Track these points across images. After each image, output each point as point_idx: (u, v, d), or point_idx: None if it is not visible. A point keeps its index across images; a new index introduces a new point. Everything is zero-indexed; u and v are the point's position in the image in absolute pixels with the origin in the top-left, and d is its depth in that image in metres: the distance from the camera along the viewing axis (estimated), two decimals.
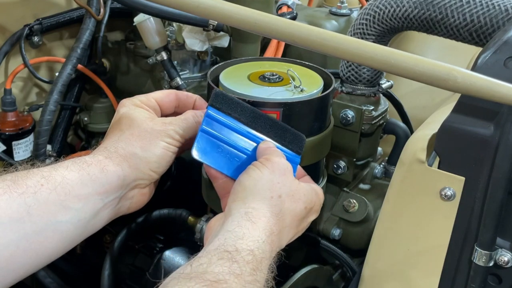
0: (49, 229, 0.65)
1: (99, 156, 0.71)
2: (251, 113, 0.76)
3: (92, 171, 0.69)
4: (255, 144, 0.75)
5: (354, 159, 0.96)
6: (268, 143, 0.75)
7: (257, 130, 0.75)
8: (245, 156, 0.74)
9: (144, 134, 0.73)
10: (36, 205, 0.64)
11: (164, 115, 0.79)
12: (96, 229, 0.71)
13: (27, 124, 1.24)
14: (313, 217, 0.76)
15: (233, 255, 0.61)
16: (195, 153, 0.73)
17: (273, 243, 0.66)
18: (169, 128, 0.74)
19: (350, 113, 0.92)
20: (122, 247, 1.03)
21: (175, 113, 0.80)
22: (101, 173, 0.69)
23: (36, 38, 1.26)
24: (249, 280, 0.60)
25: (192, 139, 0.79)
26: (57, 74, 1.18)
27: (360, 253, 0.95)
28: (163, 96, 0.79)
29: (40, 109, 1.18)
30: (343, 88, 0.97)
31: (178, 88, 1.15)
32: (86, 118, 1.32)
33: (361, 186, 1.00)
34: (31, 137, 1.24)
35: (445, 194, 0.65)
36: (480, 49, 0.71)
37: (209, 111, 0.74)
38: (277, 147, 0.75)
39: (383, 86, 0.98)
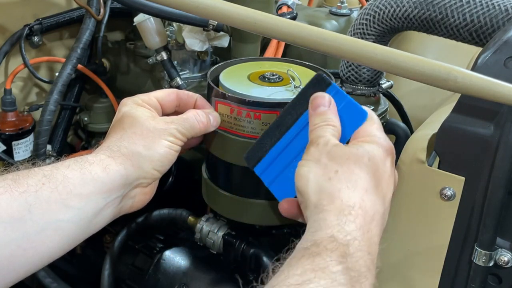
0: (50, 228, 0.65)
1: (101, 155, 0.71)
2: (276, 125, 0.73)
3: (94, 170, 0.68)
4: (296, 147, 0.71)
5: None
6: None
7: (288, 128, 0.72)
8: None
9: (146, 133, 0.73)
10: (37, 204, 0.64)
11: (165, 114, 0.79)
12: (97, 228, 0.71)
13: (27, 124, 1.24)
14: (389, 161, 0.66)
15: (312, 250, 0.55)
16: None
17: (359, 219, 0.59)
18: (171, 127, 0.74)
19: None
20: (122, 247, 1.03)
21: (175, 113, 0.80)
22: (103, 172, 0.69)
23: (36, 38, 1.26)
24: (338, 270, 0.53)
25: (194, 138, 0.79)
26: (57, 74, 1.18)
27: None
28: (164, 95, 0.79)
29: (40, 109, 1.18)
30: (343, 88, 0.97)
31: (178, 88, 1.15)
32: (86, 118, 1.32)
33: None
34: (31, 137, 1.24)
35: (445, 194, 0.65)
36: (480, 49, 0.71)
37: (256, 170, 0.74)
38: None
39: (383, 86, 0.98)
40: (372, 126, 0.68)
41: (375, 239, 0.60)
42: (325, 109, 0.68)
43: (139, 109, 0.75)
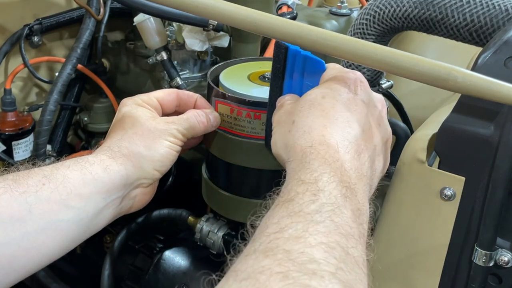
0: (50, 228, 0.65)
1: (102, 156, 0.71)
2: (268, 105, 0.74)
3: (94, 170, 0.69)
4: None
5: None
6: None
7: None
8: None
9: (147, 133, 0.73)
10: (38, 204, 0.64)
11: (165, 114, 0.79)
12: (98, 228, 0.71)
13: (27, 124, 1.24)
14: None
15: (285, 198, 0.53)
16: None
17: (321, 153, 0.56)
18: (172, 127, 0.74)
19: None
20: (122, 247, 1.03)
21: (176, 113, 0.80)
22: (103, 172, 0.69)
23: (36, 38, 1.26)
24: (313, 209, 0.50)
25: (194, 138, 0.79)
26: (57, 74, 1.18)
27: None
28: (164, 95, 0.79)
29: (40, 109, 1.18)
30: None
31: (178, 88, 1.15)
32: (86, 118, 1.32)
33: None
34: (31, 137, 1.24)
35: (445, 194, 0.65)
36: (480, 49, 0.71)
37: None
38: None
39: (383, 86, 0.98)
40: (330, 72, 0.67)
41: (347, 165, 0.56)
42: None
43: (140, 109, 0.76)
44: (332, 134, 0.58)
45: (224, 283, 0.44)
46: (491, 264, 0.63)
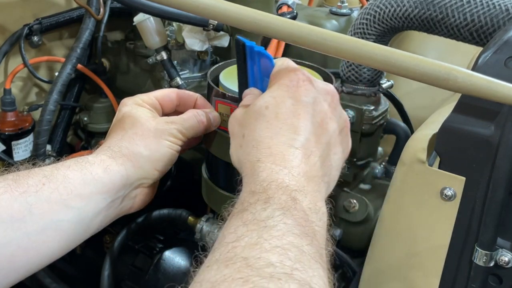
0: (50, 228, 0.65)
1: (102, 156, 0.71)
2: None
3: (95, 171, 0.68)
4: None
5: (355, 159, 0.96)
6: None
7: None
8: None
9: (147, 133, 0.73)
10: (38, 204, 0.64)
11: (165, 114, 0.79)
12: (98, 228, 0.71)
13: (27, 124, 1.24)
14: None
15: (239, 209, 0.55)
16: None
17: (268, 165, 0.58)
18: (172, 127, 0.74)
19: (351, 113, 0.92)
20: (122, 247, 1.03)
21: (176, 112, 0.80)
22: (104, 172, 0.69)
23: (35, 38, 1.26)
24: (266, 216, 0.52)
25: (194, 138, 0.79)
26: (56, 74, 1.18)
27: (360, 253, 0.95)
28: (164, 95, 0.79)
29: (40, 109, 1.18)
30: (343, 88, 0.97)
31: (178, 88, 1.15)
32: (86, 118, 1.32)
33: (362, 186, 1.00)
34: (30, 137, 1.24)
35: (445, 194, 0.65)
36: (480, 49, 0.71)
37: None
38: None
39: (384, 85, 0.98)
40: (275, 71, 0.67)
41: (295, 171, 0.58)
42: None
43: (140, 109, 0.75)
44: (278, 145, 0.60)
45: None
46: (491, 264, 0.63)
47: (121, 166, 0.71)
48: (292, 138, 0.61)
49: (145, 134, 0.73)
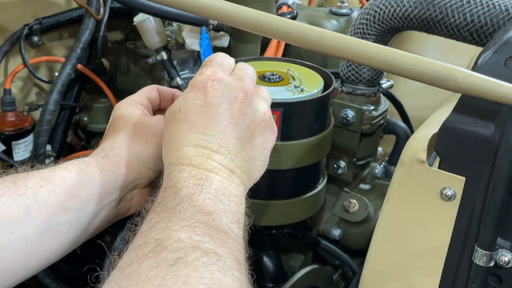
0: (49, 230, 0.65)
1: (97, 157, 0.71)
2: None
3: (91, 172, 0.69)
4: None
5: (355, 159, 0.96)
6: None
7: None
8: None
9: (139, 132, 0.74)
10: (36, 206, 0.63)
11: (153, 111, 0.80)
12: (96, 231, 0.71)
13: (27, 124, 1.24)
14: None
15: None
16: None
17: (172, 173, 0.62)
18: (160, 126, 0.75)
19: (351, 113, 0.92)
20: (122, 247, 1.03)
21: (160, 110, 0.81)
22: (100, 173, 0.69)
23: (35, 38, 1.26)
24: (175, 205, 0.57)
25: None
26: (56, 74, 1.18)
27: (360, 253, 0.95)
28: (150, 91, 0.81)
29: (40, 109, 1.18)
30: (344, 88, 0.97)
31: (178, 88, 1.15)
32: (85, 118, 1.32)
33: (362, 186, 1.00)
34: (30, 137, 1.24)
35: (445, 194, 0.65)
36: (480, 49, 0.71)
37: None
38: None
39: (384, 86, 0.98)
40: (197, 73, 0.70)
41: (204, 166, 0.61)
42: None
43: (131, 110, 0.77)
44: (186, 146, 0.63)
45: (111, 276, 0.51)
46: (491, 264, 0.63)
47: (115, 166, 0.71)
48: (200, 139, 0.63)
49: (136, 134, 0.74)
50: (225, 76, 0.67)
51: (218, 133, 0.64)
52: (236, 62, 0.90)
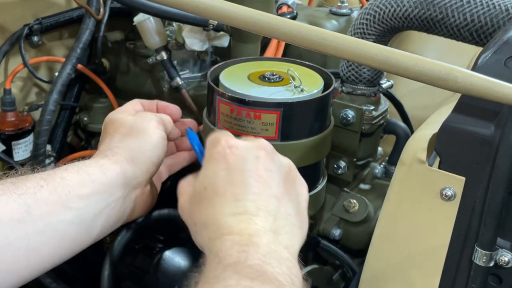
0: (50, 229, 0.65)
1: (96, 158, 0.72)
2: None
3: (91, 171, 0.69)
4: None
5: (354, 159, 0.96)
6: None
7: None
8: None
9: (131, 129, 0.76)
10: (37, 205, 0.64)
11: None
12: (101, 232, 0.71)
13: (27, 124, 1.24)
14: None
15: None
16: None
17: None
18: (150, 116, 0.78)
19: (350, 113, 0.92)
20: (122, 247, 1.03)
21: None
22: (100, 172, 0.69)
23: (35, 38, 1.26)
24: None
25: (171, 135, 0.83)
26: (56, 74, 1.18)
27: (360, 253, 0.95)
28: (134, 104, 0.83)
29: (40, 109, 1.18)
30: (343, 88, 0.97)
31: (178, 88, 1.15)
32: (86, 118, 1.32)
33: (362, 186, 1.00)
34: (30, 137, 1.24)
35: (445, 194, 0.65)
36: (480, 49, 0.71)
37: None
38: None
39: (384, 86, 0.98)
40: (207, 148, 0.68)
41: (246, 232, 0.59)
42: None
43: (118, 114, 0.79)
44: (223, 218, 0.60)
45: None
46: (491, 264, 0.63)
47: (116, 164, 0.71)
48: (235, 206, 0.60)
49: (129, 130, 0.76)
50: (239, 141, 0.65)
51: (252, 196, 0.61)
52: (236, 62, 0.90)
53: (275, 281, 0.53)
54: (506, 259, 0.62)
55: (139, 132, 0.75)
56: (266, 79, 0.83)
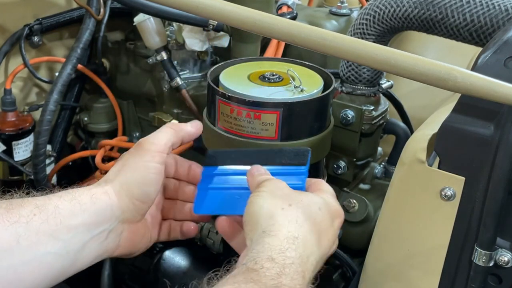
0: (37, 260, 0.64)
1: (93, 185, 0.71)
2: (246, 153, 0.77)
3: (82, 200, 0.68)
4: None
5: (354, 159, 0.96)
6: (254, 170, 0.72)
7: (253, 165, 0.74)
8: (247, 191, 0.71)
9: (129, 160, 0.73)
10: (27, 235, 0.63)
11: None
12: (84, 264, 0.70)
13: (27, 124, 1.24)
14: (337, 223, 0.71)
15: (249, 266, 0.58)
16: (197, 210, 0.75)
17: (300, 249, 0.62)
18: (146, 147, 0.73)
19: (350, 113, 0.92)
20: None
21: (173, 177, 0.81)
22: (90, 201, 0.68)
23: (36, 38, 1.26)
24: (272, 284, 0.57)
25: (178, 144, 0.77)
26: (57, 74, 1.18)
27: (360, 253, 0.95)
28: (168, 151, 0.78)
29: (40, 109, 1.18)
30: (343, 88, 0.97)
31: (178, 88, 1.15)
32: (86, 118, 1.32)
33: (361, 186, 1.00)
34: (31, 137, 1.24)
35: (445, 194, 0.65)
36: (480, 49, 0.71)
37: (204, 171, 0.77)
38: (276, 170, 0.73)
39: (383, 86, 0.98)
40: (319, 184, 0.73)
41: (309, 275, 0.63)
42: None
43: (147, 144, 0.75)
44: (311, 244, 0.64)
45: None
46: (491, 264, 0.63)
47: (105, 194, 0.70)
48: (318, 252, 0.66)
49: (127, 162, 0.73)
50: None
51: (319, 258, 0.67)
52: (236, 62, 0.90)
53: None
54: (506, 259, 0.62)
55: (133, 166, 0.72)
56: (266, 79, 0.84)
